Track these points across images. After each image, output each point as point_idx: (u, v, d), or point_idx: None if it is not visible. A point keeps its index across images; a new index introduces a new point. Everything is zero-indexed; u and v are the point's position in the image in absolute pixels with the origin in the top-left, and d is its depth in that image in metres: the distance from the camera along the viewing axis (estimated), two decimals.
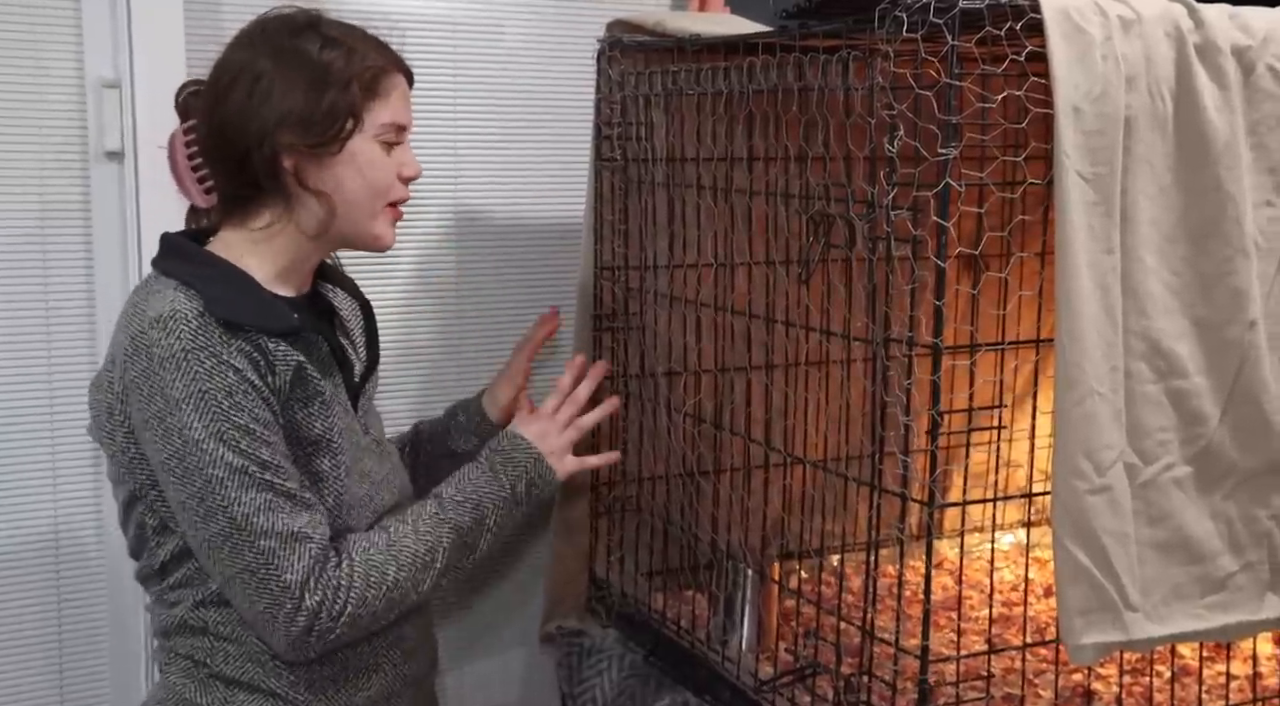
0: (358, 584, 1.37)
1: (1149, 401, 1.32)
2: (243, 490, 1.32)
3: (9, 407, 1.81)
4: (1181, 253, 1.33)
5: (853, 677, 1.46)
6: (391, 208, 1.47)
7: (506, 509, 1.52)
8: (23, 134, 1.78)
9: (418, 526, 1.45)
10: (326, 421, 1.41)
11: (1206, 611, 1.36)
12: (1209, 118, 1.31)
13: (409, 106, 1.47)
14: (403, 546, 1.42)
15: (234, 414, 1.32)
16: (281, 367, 1.36)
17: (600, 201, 1.90)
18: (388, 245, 1.48)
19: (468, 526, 1.48)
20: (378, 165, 1.43)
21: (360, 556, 1.39)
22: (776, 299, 1.64)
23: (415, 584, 1.43)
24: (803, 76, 1.49)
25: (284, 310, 1.39)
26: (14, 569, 1.84)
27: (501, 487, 1.52)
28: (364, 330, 1.58)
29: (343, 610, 1.36)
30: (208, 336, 1.32)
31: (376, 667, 1.49)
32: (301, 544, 1.34)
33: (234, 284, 1.39)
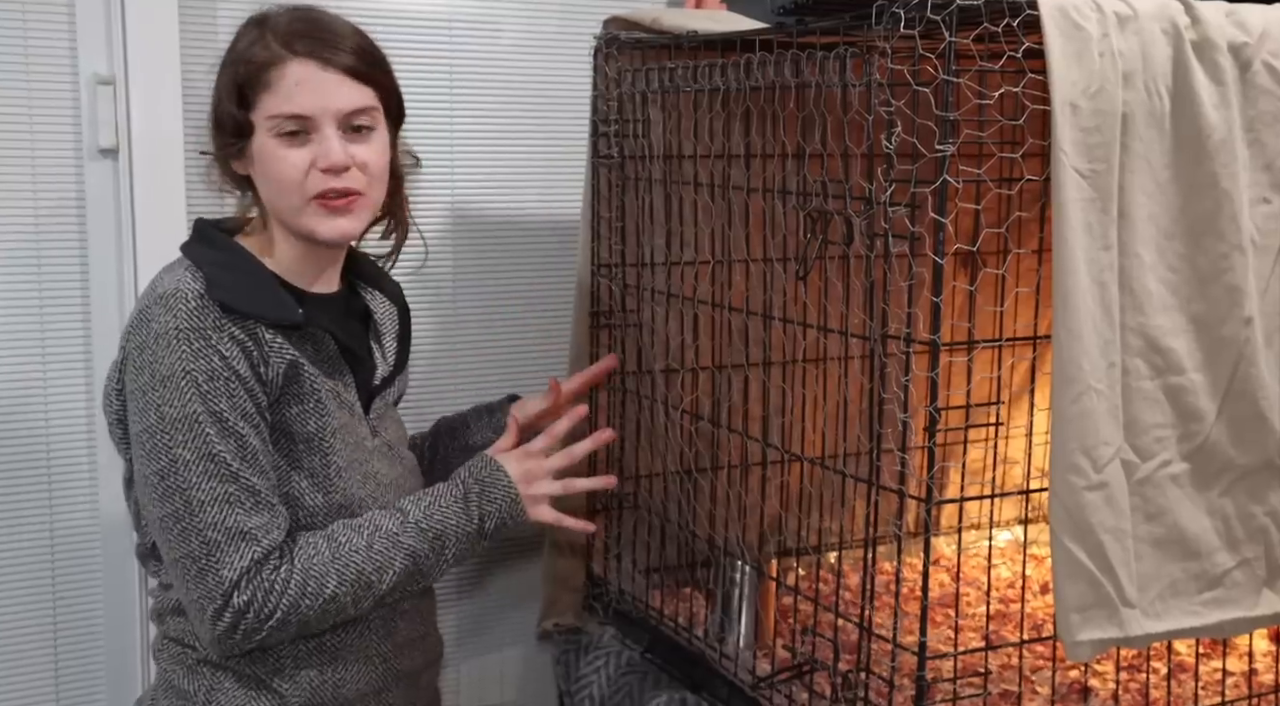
0: (293, 590, 1.36)
1: (1146, 398, 1.32)
2: (205, 477, 1.33)
3: (3, 405, 1.81)
4: (1178, 249, 1.33)
5: (850, 674, 1.46)
6: (318, 201, 1.40)
7: (469, 543, 1.48)
8: (16, 131, 1.77)
9: (372, 543, 1.41)
10: (321, 420, 1.41)
11: (1203, 608, 1.36)
12: (1206, 114, 1.31)
13: (314, 92, 1.38)
14: (350, 561, 1.39)
15: (212, 399, 1.32)
16: (275, 361, 1.37)
17: (597, 199, 1.90)
18: (328, 238, 1.42)
19: (425, 553, 1.44)
20: (278, 160, 1.39)
21: (302, 562, 1.37)
22: (774, 296, 1.64)
23: (355, 600, 1.41)
24: (800, 73, 1.48)
25: (290, 303, 1.40)
26: (9, 565, 1.83)
27: (470, 520, 1.47)
28: (396, 335, 1.57)
29: (272, 613, 1.35)
30: (202, 318, 1.34)
31: (366, 659, 1.48)
32: (246, 543, 1.34)
33: (243, 271, 1.40)
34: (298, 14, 1.42)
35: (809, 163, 1.52)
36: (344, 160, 1.39)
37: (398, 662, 1.51)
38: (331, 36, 1.40)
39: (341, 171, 1.40)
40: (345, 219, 1.42)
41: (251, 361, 1.35)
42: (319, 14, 1.43)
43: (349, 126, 1.41)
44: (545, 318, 2.16)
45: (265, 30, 1.40)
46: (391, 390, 1.57)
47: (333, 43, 1.39)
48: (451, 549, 1.46)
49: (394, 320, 1.57)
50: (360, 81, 1.41)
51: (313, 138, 1.39)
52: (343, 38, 1.41)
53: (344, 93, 1.39)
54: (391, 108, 1.48)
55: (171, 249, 1.81)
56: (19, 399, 1.82)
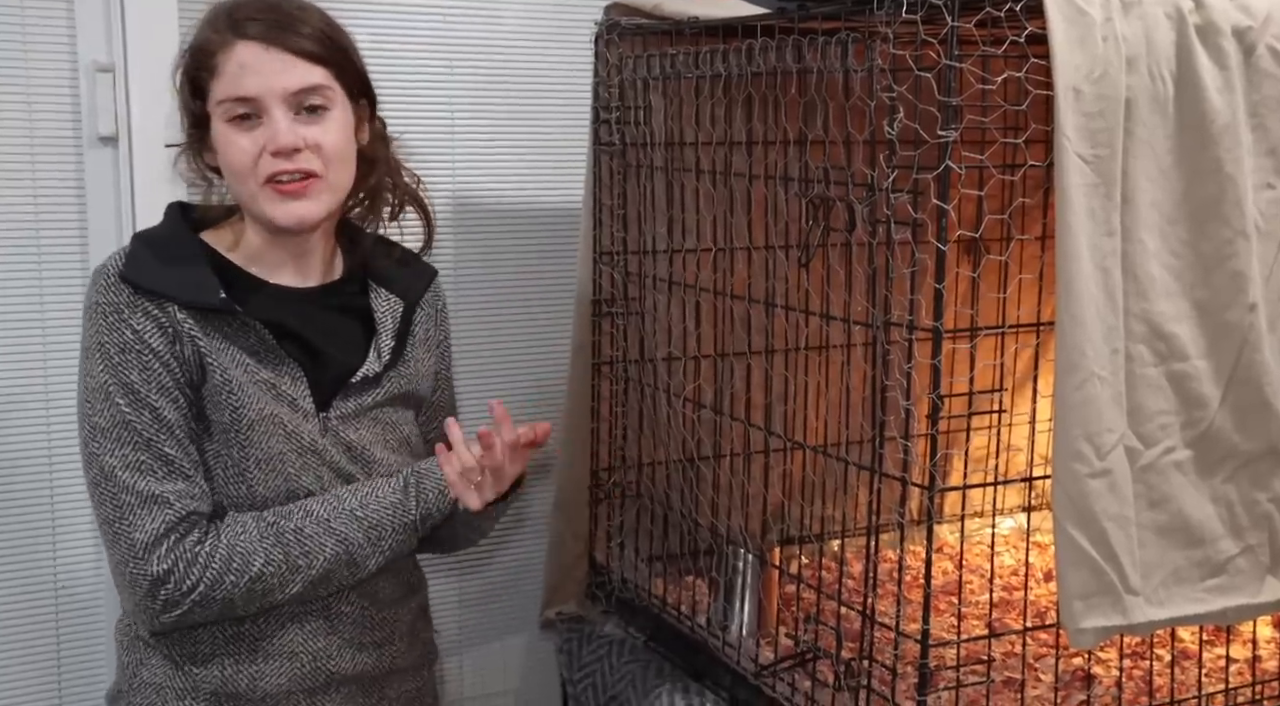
0: (216, 564, 1.34)
1: (1149, 384, 1.31)
2: (118, 444, 1.34)
3: (4, 395, 1.80)
4: (1182, 235, 1.33)
5: (853, 662, 1.46)
6: (270, 185, 1.37)
7: (406, 534, 1.43)
8: (14, 119, 1.77)
9: (303, 525, 1.38)
10: (236, 411, 1.37)
11: (1207, 594, 1.36)
12: (1209, 99, 1.30)
13: (260, 72, 1.35)
14: (279, 541, 1.36)
15: (124, 370, 1.34)
16: (187, 340, 1.36)
17: (599, 186, 1.89)
18: (283, 224, 1.38)
19: (359, 542, 1.40)
20: (230, 145, 1.37)
21: (228, 538, 1.35)
22: (776, 283, 1.64)
23: (282, 582, 1.37)
24: (802, 59, 1.48)
25: (211, 287, 1.37)
26: (11, 556, 1.83)
27: (407, 512, 1.42)
28: (395, 332, 1.50)
29: (194, 585, 1.33)
30: (117, 293, 1.35)
31: (290, 655, 1.43)
32: (159, 507, 1.33)
33: (171, 253, 1.39)
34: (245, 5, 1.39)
35: (811, 149, 1.52)
36: (292, 141, 1.35)
37: (334, 664, 1.45)
38: (282, 18, 1.37)
39: (291, 153, 1.36)
40: (300, 203, 1.38)
41: (167, 337, 1.35)
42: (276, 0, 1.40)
43: (301, 107, 1.37)
44: (547, 305, 2.16)
45: (217, 17, 1.39)
46: (377, 390, 1.48)
47: (281, 24, 1.36)
48: (389, 539, 1.42)
49: (395, 318, 1.50)
50: (309, 61, 1.37)
51: (263, 121, 1.36)
52: (294, 20, 1.37)
53: (292, 73, 1.36)
54: (353, 88, 1.43)
55: None
56: (19, 386, 1.81)
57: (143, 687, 1.42)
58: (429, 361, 1.57)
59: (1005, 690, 1.56)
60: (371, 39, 1.97)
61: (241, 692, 1.41)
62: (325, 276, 1.48)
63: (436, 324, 1.59)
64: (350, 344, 1.47)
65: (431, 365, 1.58)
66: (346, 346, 1.47)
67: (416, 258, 1.58)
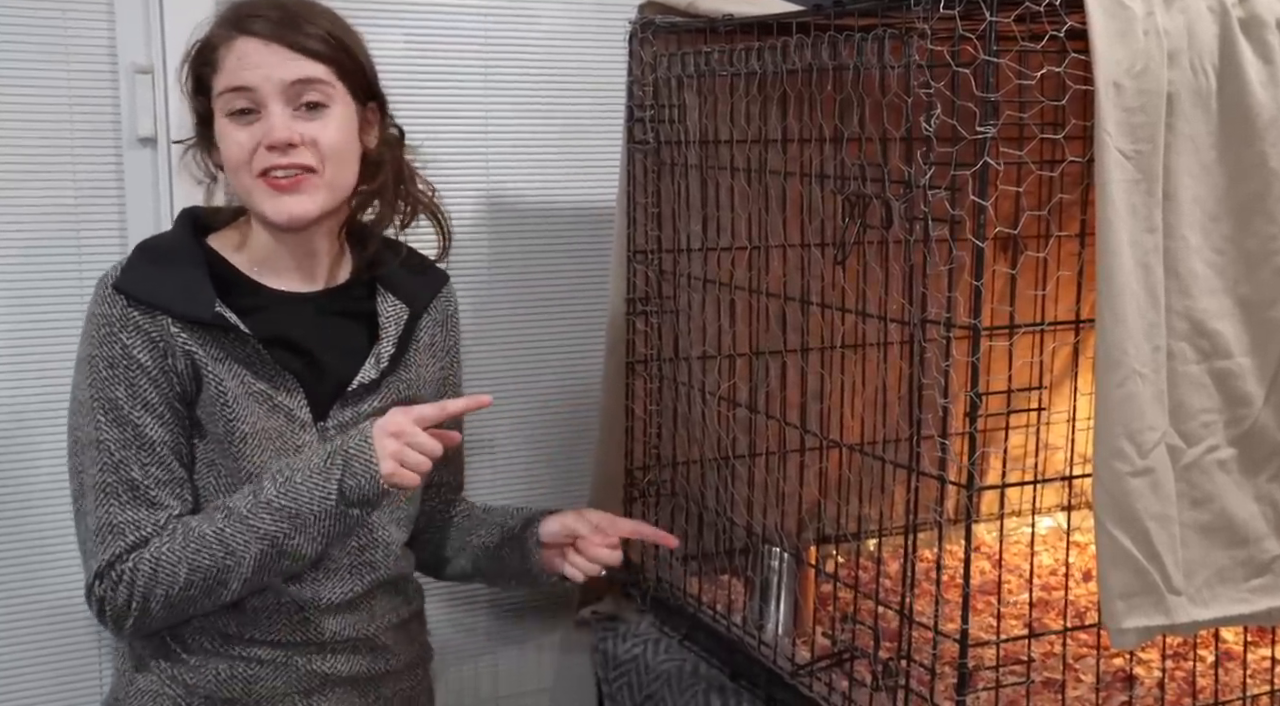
0: (141, 581, 1.34)
1: (1192, 382, 1.30)
2: (93, 463, 1.36)
3: (44, 395, 1.82)
4: (1225, 231, 1.31)
5: (891, 661, 1.45)
6: (263, 180, 1.36)
7: (334, 518, 1.36)
8: (56, 120, 1.79)
9: (224, 528, 1.35)
10: (230, 422, 1.37)
11: (1251, 595, 1.34)
12: (1254, 93, 1.29)
13: (259, 65, 1.35)
14: (201, 547, 1.35)
15: (110, 386, 1.35)
16: (180, 353, 1.36)
17: (633, 184, 1.89)
18: (276, 221, 1.38)
19: (284, 533, 1.35)
20: (227, 140, 1.38)
21: (153, 552, 1.35)
22: (812, 281, 1.63)
23: (218, 584, 1.35)
24: (837, 56, 1.47)
25: (205, 299, 1.36)
26: (49, 553, 1.85)
27: (328, 495, 1.35)
28: (396, 339, 1.48)
29: (126, 604, 1.35)
30: (111, 305, 1.36)
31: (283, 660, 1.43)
32: (114, 537, 1.35)
33: (171, 261, 1.39)
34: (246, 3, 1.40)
35: (847, 146, 1.51)
36: (286, 136, 1.35)
37: (326, 666, 1.45)
38: (287, 15, 1.37)
39: (286, 148, 1.35)
40: (293, 198, 1.36)
41: (157, 351, 1.35)
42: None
43: (300, 103, 1.37)
44: (581, 305, 2.16)
45: (225, 15, 1.40)
46: (375, 398, 1.46)
47: (285, 21, 1.36)
48: (316, 525, 1.35)
49: (399, 324, 1.48)
50: (309, 57, 1.37)
51: (260, 116, 1.36)
52: (298, 18, 1.37)
53: (290, 66, 1.35)
54: (357, 89, 1.42)
55: None
56: (60, 388, 1.83)
57: (138, 695, 1.43)
58: (433, 367, 1.56)
59: (1045, 690, 1.55)
60: (407, 39, 1.98)
61: (236, 697, 1.42)
62: (330, 280, 1.48)
63: (445, 330, 1.58)
64: (351, 350, 1.46)
65: (437, 372, 1.57)
66: (347, 353, 1.45)
67: (429, 263, 1.57)
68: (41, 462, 1.83)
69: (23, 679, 1.84)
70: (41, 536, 1.84)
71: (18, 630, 1.84)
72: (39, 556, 1.84)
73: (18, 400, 1.81)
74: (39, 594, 1.84)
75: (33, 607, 1.84)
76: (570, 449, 2.15)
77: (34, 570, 1.84)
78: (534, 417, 2.15)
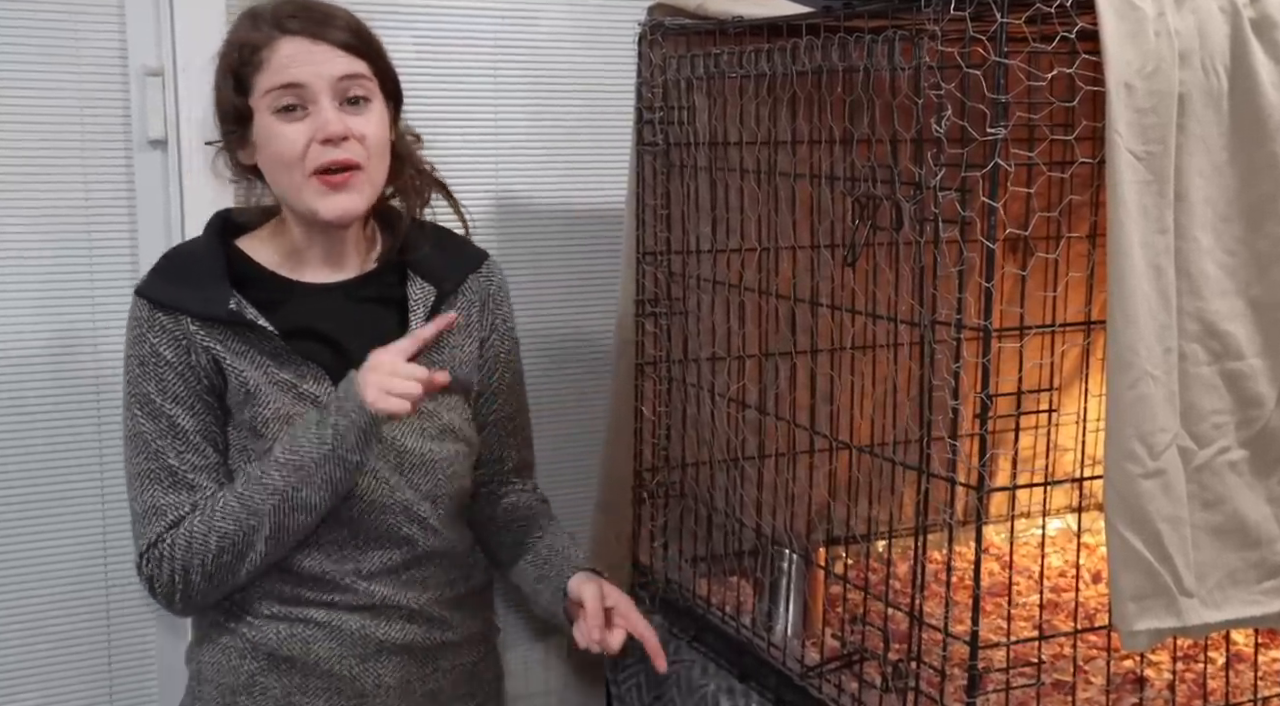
0: (178, 554, 1.43)
1: (1203, 384, 1.29)
2: (136, 453, 1.46)
3: (56, 398, 1.83)
4: (1237, 232, 1.31)
5: (901, 663, 1.45)
6: (317, 177, 1.41)
7: (334, 463, 1.40)
8: (66, 123, 1.79)
9: (242, 491, 1.42)
10: (254, 409, 1.44)
11: (1263, 597, 1.33)
12: (1265, 94, 1.28)
13: (307, 62, 1.40)
14: (225, 514, 1.42)
15: (142, 382, 1.44)
16: (201, 349, 1.44)
17: (642, 186, 1.89)
18: (330, 218, 1.43)
19: (293, 485, 1.40)
20: (277, 137, 1.41)
21: (185, 526, 1.43)
22: (821, 283, 1.63)
23: (246, 547, 1.41)
24: (847, 57, 1.47)
25: (220, 299, 1.43)
26: (62, 556, 1.86)
27: (323, 441, 1.40)
28: (424, 322, 1.51)
29: (170, 578, 1.44)
30: (138, 309, 1.46)
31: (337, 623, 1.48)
32: (156, 518, 1.44)
33: (193, 264, 1.47)
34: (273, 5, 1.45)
35: (857, 148, 1.51)
36: (341, 129, 1.40)
37: (380, 632, 1.50)
38: (321, 15, 1.43)
39: (340, 141, 1.40)
40: (345, 195, 1.42)
41: (181, 349, 1.44)
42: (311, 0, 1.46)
43: (345, 98, 1.42)
44: (591, 306, 2.16)
45: (257, 17, 1.44)
46: None
47: (323, 20, 1.42)
48: (319, 473, 1.40)
49: (426, 307, 1.52)
50: (351, 53, 1.42)
51: (310, 111, 1.40)
52: (333, 17, 1.43)
53: (337, 61, 1.41)
54: (387, 86, 1.48)
55: None
56: (72, 389, 1.84)
57: (210, 647, 1.52)
58: (470, 347, 1.58)
59: (1055, 692, 1.54)
60: (417, 42, 1.98)
61: (295, 656, 1.49)
62: (360, 268, 1.52)
63: (485, 308, 1.60)
64: (380, 335, 1.47)
65: (474, 351, 1.58)
66: (376, 338, 1.46)
67: (466, 244, 1.61)
68: (51, 459, 1.84)
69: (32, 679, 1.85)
70: (45, 535, 1.84)
71: (23, 629, 1.84)
72: (40, 558, 1.85)
73: (30, 399, 1.82)
74: (47, 591, 1.85)
75: (39, 605, 1.85)
76: (579, 450, 2.14)
77: (42, 569, 1.85)
78: (543, 418, 2.14)
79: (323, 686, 1.49)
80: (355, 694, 1.50)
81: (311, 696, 1.49)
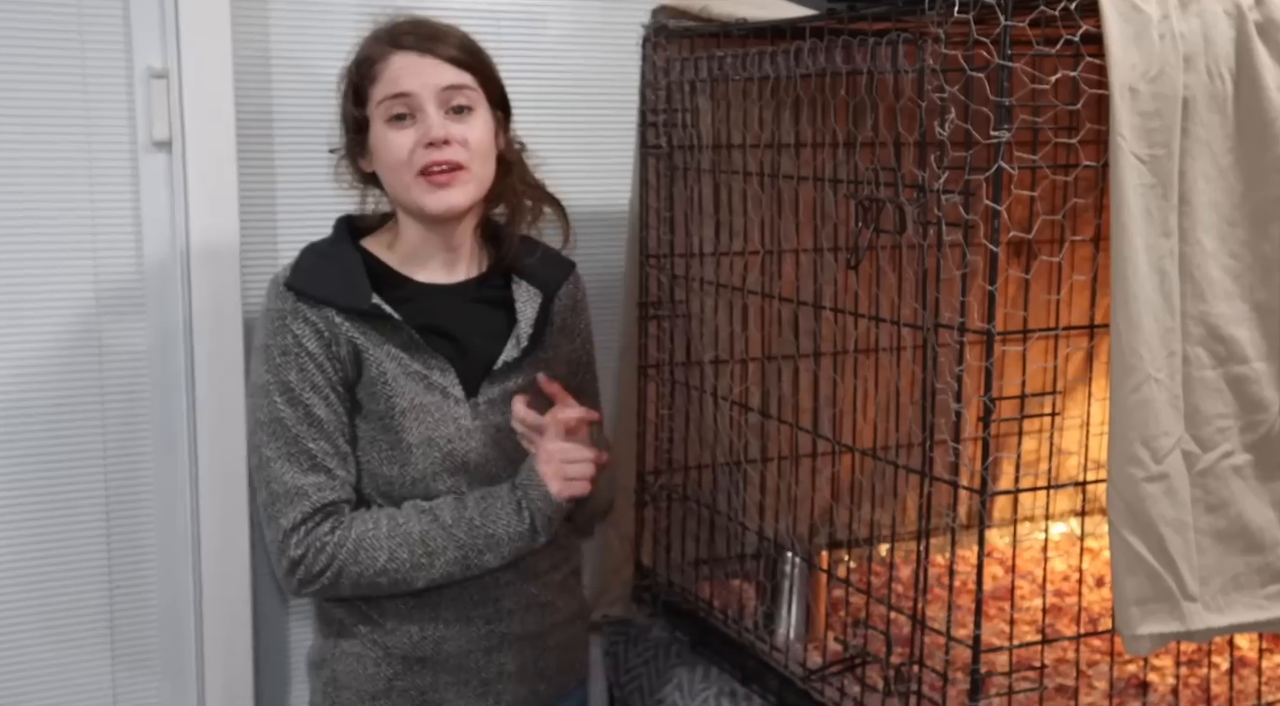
0: (342, 556, 1.51)
1: (1208, 387, 1.29)
2: (272, 437, 1.53)
3: (60, 397, 1.83)
4: (1241, 236, 1.31)
5: (903, 667, 1.45)
6: (423, 176, 1.53)
7: (523, 540, 1.57)
8: (71, 124, 1.79)
9: (429, 529, 1.53)
10: (390, 400, 1.54)
11: (1267, 601, 1.33)
12: (1270, 97, 1.28)
13: (416, 73, 1.53)
14: (404, 541, 1.53)
15: (283, 371, 1.52)
16: (344, 341, 1.53)
17: (645, 189, 1.89)
18: (435, 212, 1.54)
19: (476, 549, 1.55)
20: (388, 143, 1.54)
21: (357, 532, 1.52)
22: (824, 285, 1.63)
23: (405, 578, 1.53)
24: (851, 60, 1.47)
25: (363, 292, 1.54)
26: (64, 557, 1.86)
27: (521, 521, 1.56)
28: (533, 322, 1.62)
29: (321, 571, 1.52)
30: (283, 300, 1.54)
31: (467, 621, 1.59)
32: (299, 499, 1.51)
33: (332, 260, 1.57)
34: (405, 18, 1.59)
35: (860, 151, 1.51)
36: (443, 134, 1.52)
37: (505, 627, 1.61)
38: (432, 31, 1.56)
39: (442, 145, 1.52)
40: (449, 191, 1.53)
41: (323, 340, 1.52)
42: (424, 17, 1.60)
43: (450, 107, 1.53)
44: (594, 309, 2.15)
45: (377, 35, 1.57)
46: (519, 376, 1.61)
47: (433, 36, 1.55)
48: (509, 547, 1.56)
49: (535, 308, 1.64)
50: (456, 66, 1.55)
51: (417, 119, 1.53)
52: (444, 32, 1.57)
53: (442, 73, 1.54)
54: (493, 96, 1.60)
55: (224, 240, 1.83)
56: (75, 390, 1.84)
57: (343, 656, 1.61)
58: (566, 348, 1.70)
59: (1058, 696, 1.54)
60: None
61: (428, 656, 1.59)
62: (470, 272, 1.64)
63: (574, 313, 1.72)
64: (493, 333, 1.61)
65: (569, 351, 1.71)
66: (490, 336, 1.61)
67: (556, 254, 1.73)
68: (55, 462, 1.84)
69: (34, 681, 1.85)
70: (48, 538, 1.85)
71: (21, 635, 1.85)
72: (43, 558, 1.85)
73: (32, 401, 1.82)
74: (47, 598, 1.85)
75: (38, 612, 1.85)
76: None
77: (40, 574, 1.85)
78: None
79: (452, 681, 1.60)
80: (480, 683, 1.61)
81: (443, 691, 1.59)
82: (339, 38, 1.72)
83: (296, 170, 1.91)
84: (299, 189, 1.91)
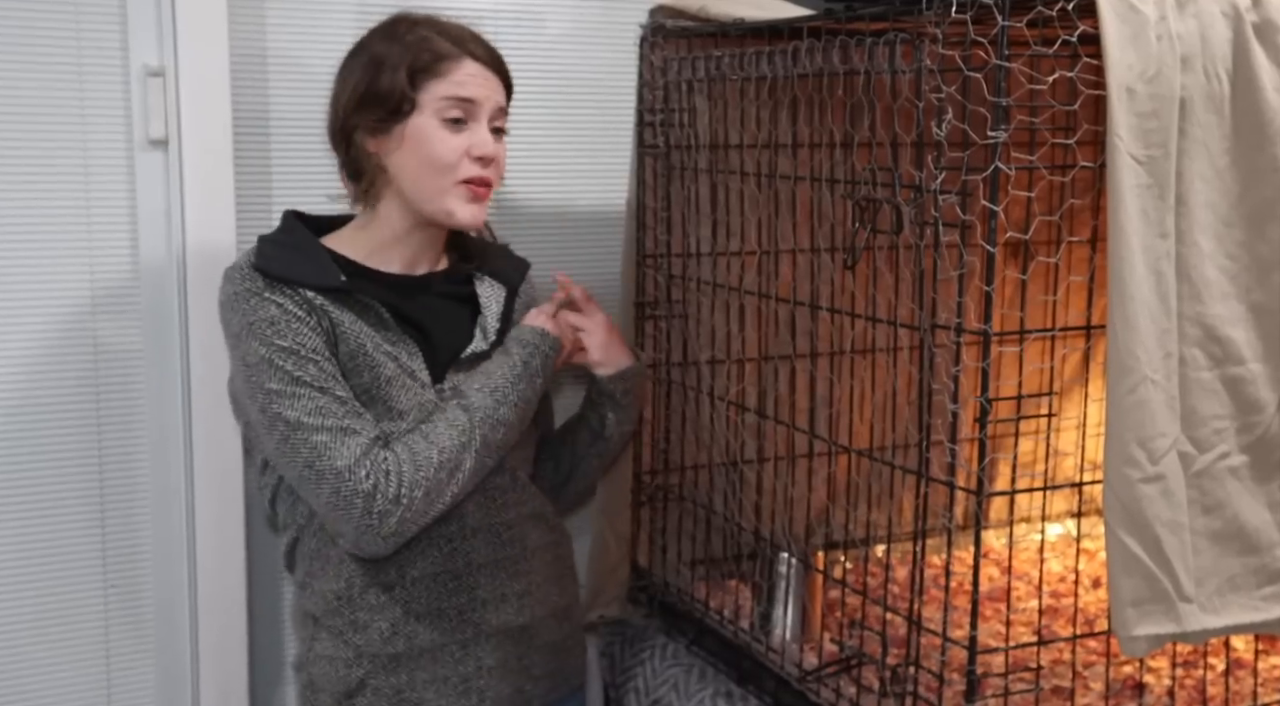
0: (406, 467, 1.48)
1: (1204, 388, 1.29)
2: (295, 398, 1.48)
3: (55, 396, 1.83)
4: (1238, 237, 1.31)
5: (899, 668, 1.45)
6: (465, 185, 1.54)
7: (523, 383, 1.59)
8: (67, 122, 1.79)
9: (446, 416, 1.54)
10: (373, 371, 1.53)
11: (1263, 603, 1.33)
12: (1267, 98, 1.28)
13: (483, 85, 1.55)
14: (439, 432, 1.52)
15: (279, 338, 1.49)
16: (321, 315, 1.51)
17: (643, 189, 1.89)
18: (463, 222, 1.56)
19: (491, 406, 1.56)
20: (437, 141, 1.53)
21: (403, 445, 1.50)
22: (821, 286, 1.63)
23: (458, 462, 1.51)
24: (848, 60, 1.47)
25: (332, 271, 1.53)
26: (58, 555, 1.86)
27: (514, 365, 1.59)
28: (499, 314, 1.65)
29: (396, 492, 1.47)
30: (253, 282, 1.51)
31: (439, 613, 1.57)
32: (350, 436, 1.47)
33: (292, 247, 1.56)
34: (450, 21, 1.59)
35: (857, 151, 1.51)
36: (494, 151, 1.56)
37: (478, 616, 1.59)
38: (493, 52, 1.60)
39: (489, 163, 1.56)
40: (479, 206, 1.57)
41: (305, 309, 1.51)
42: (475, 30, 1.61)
43: (493, 127, 1.57)
44: None
45: (431, 29, 1.57)
46: None
47: (495, 57, 1.59)
48: (513, 392, 1.57)
49: (499, 302, 1.66)
50: (508, 90, 1.61)
51: (469, 127, 1.54)
52: (500, 58, 1.60)
53: (500, 94, 1.59)
54: None
55: (221, 238, 1.83)
56: (70, 389, 1.84)
57: (318, 660, 1.60)
58: None
59: (1054, 698, 1.54)
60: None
61: (400, 652, 1.57)
62: (431, 268, 1.64)
63: (530, 308, 1.72)
64: (457, 326, 1.63)
65: None
66: (453, 328, 1.62)
67: (512, 252, 1.77)
68: (50, 460, 1.84)
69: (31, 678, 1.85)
70: (43, 536, 1.84)
71: (17, 634, 1.84)
72: (37, 557, 1.84)
73: (29, 400, 1.82)
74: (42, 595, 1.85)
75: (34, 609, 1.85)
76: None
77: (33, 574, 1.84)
78: None
79: (429, 678, 1.58)
80: (459, 679, 1.59)
81: (420, 690, 1.57)
82: (336, 37, 1.72)
83: (293, 169, 1.91)
84: (295, 188, 1.91)
